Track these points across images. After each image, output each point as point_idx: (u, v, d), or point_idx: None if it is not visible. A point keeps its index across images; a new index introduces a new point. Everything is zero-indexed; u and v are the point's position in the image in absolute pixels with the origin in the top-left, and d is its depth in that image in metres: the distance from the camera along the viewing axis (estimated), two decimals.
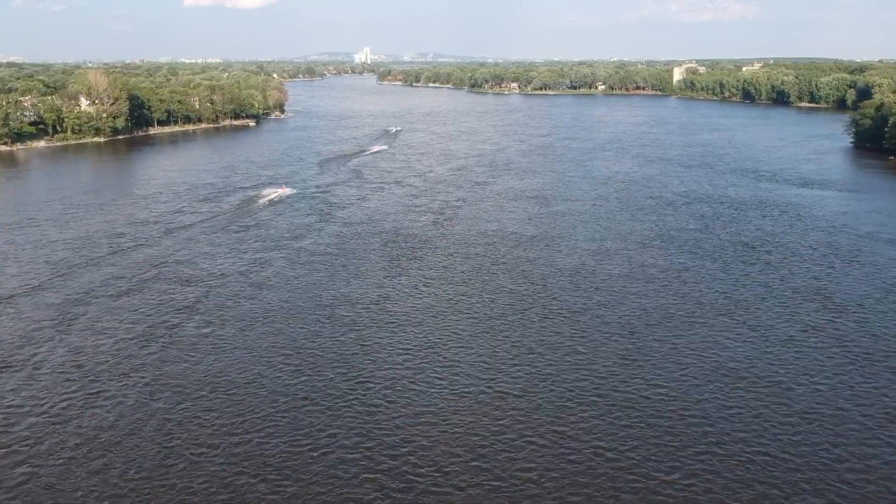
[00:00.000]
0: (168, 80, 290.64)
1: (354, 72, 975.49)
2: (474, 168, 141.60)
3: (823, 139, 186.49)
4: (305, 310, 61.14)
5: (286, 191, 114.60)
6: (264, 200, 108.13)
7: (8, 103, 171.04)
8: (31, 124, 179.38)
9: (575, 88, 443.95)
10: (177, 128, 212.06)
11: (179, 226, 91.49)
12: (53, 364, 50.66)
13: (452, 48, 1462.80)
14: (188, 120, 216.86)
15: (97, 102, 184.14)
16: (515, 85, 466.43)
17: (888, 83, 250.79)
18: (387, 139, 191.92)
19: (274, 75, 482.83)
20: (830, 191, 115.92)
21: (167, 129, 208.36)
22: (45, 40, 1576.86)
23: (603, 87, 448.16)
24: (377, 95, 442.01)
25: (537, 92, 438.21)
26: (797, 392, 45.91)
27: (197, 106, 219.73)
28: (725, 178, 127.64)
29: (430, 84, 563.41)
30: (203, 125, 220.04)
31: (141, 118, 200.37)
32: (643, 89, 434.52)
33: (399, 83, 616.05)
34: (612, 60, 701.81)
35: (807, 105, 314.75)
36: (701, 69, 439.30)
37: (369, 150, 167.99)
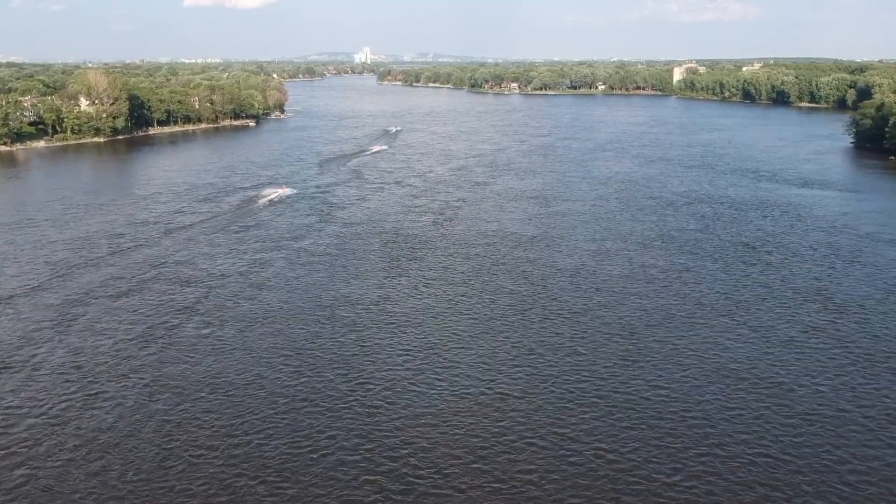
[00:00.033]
0: (168, 80, 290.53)
1: (354, 72, 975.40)
2: (474, 168, 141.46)
3: (824, 139, 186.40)
4: (305, 310, 60.99)
5: (286, 191, 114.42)
6: (264, 200, 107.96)
7: (7, 103, 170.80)
8: (31, 124, 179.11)
9: (575, 88, 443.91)
10: (176, 128, 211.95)
11: (179, 226, 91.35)
12: (52, 365, 50.52)
13: (452, 48, 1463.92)
14: (188, 120, 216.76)
15: (97, 102, 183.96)
16: (515, 85, 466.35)
17: (888, 83, 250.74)
18: (387, 139, 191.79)
19: (274, 75, 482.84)
20: (831, 191, 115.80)
21: (167, 130, 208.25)
22: (45, 40, 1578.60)
23: (603, 87, 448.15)
24: (377, 95, 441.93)
25: (537, 92, 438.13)
26: (799, 393, 45.76)
27: (197, 106, 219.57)
28: (726, 179, 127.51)
29: (430, 84, 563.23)
30: (203, 125, 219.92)
31: (141, 118, 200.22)
32: (643, 89, 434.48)
33: (399, 83, 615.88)
34: (612, 60, 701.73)
35: (807, 105, 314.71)
36: (701, 69, 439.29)
37: (369, 150, 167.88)
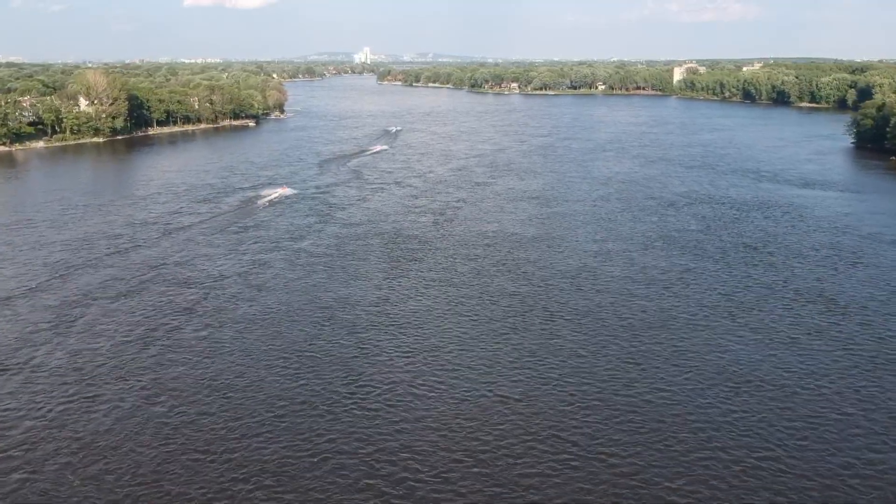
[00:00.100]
0: (167, 81, 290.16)
1: (354, 72, 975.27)
2: (474, 168, 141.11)
3: (824, 139, 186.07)
4: (304, 312, 60.64)
5: (286, 191, 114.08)
6: (264, 201, 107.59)
7: (7, 103, 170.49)
8: (30, 125, 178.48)
9: (575, 88, 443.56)
10: (176, 128, 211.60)
11: (178, 227, 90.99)
12: (50, 367, 50.18)
13: (452, 48, 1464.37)
14: (187, 120, 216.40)
15: (96, 102, 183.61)
16: (515, 85, 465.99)
17: (889, 83, 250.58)
18: (387, 139, 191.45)
19: (274, 75, 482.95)
20: (832, 191, 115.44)
21: (166, 130, 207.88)
22: (45, 40, 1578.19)
23: (603, 87, 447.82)
24: (377, 95, 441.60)
25: (537, 92, 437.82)
26: (802, 396, 45.40)
27: (196, 106, 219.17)
28: (726, 179, 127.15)
29: (430, 84, 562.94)
30: (202, 125, 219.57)
31: (140, 118, 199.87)
32: (643, 89, 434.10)
33: (399, 83, 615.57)
34: (612, 60, 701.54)
35: (807, 105, 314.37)
36: (701, 69, 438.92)
37: (369, 151, 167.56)
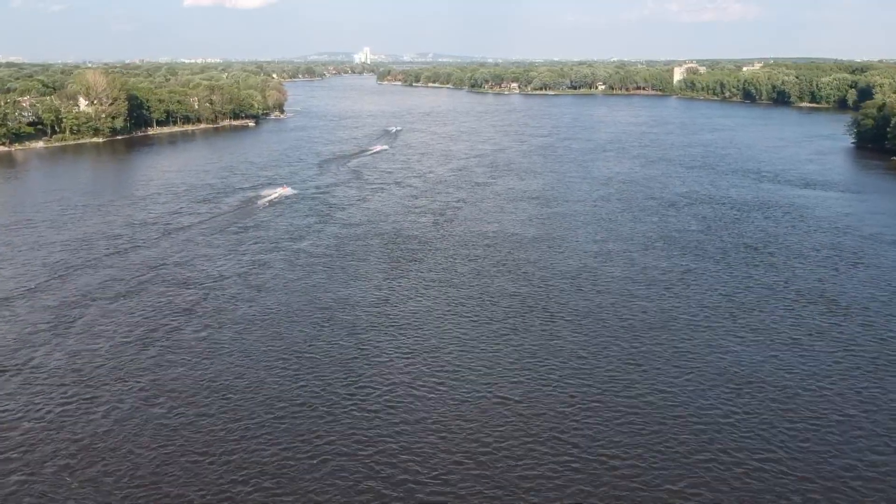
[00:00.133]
0: (167, 81, 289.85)
1: (354, 72, 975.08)
2: (475, 168, 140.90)
3: (825, 139, 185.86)
4: (304, 313, 60.43)
5: (287, 190, 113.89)
6: (264, 201, 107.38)
7: (6, 103, 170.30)
8: (30, 125, 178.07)
9: (575, 88, 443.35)
10: (176, 128, 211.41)
11: (178, 227, 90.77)
12: (49, 368, 49.98)
13: (452, 48, 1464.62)
14: (187, 120, 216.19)
15: (96, 102, 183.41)
16: (515, 85, 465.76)
17: (889, 83, 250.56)
18: (387, 139, 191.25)
19: (273, 75, 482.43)
20: (833, 192, 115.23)
21: (166, 130, 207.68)
22: (45, 40, 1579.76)
23: (603, 87, 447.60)
24: (377, 95, 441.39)
25: (537, 92, 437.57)
26: (804, 397, 45.19)
27: (196, 106, 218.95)
28: (727, 179, 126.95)
29: (430, 84, 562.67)
30: (202, 125, 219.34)
31: (140, 118, 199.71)
32: (643, 89, 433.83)
33: (399, 83, 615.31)
34: (612, 60, 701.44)
35: (807, 105, 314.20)
36: (701, 69, 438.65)
37: (369, 151, 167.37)
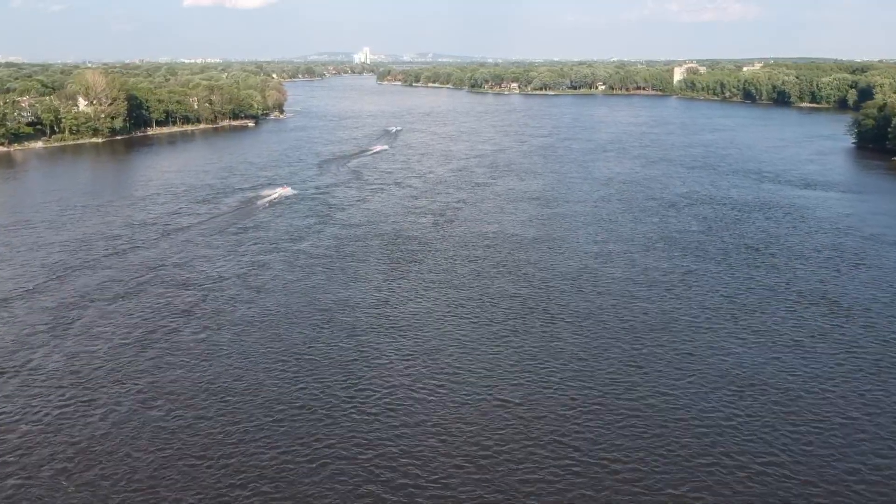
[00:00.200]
0: (167, 81, 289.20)
1: (354, 72, 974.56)
2: (475, 169, 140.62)
3: (825, 139, 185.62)
4: (303, 314, 60.14)
5: (287, 190, 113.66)
6: (264, 201, 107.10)
7: (5, 104, 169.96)
8: (29, 125, 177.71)
9: (575, 88, 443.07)
10: (175, 128, 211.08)
11: (177, 228, 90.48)
12: (47, 370, 49.70)
13: (452, 48, 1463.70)
14: (187, 120, 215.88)
15: (95, 103, 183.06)
16: (515, 85, 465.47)
17: (889, 83, 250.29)
18: (387, 139, 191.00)
19: (273, 75, 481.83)
20: (834, 192, 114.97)
21: (165, 130, 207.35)
22: (45, 40, 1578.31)
23: (603, 88, 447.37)
24: (377, 95, 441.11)
25: (537, 92, 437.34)
26: (806, 400, 44.90)
27: (195, 106, 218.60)
28: (728, 179, 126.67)
29: (430, 84, 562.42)
30: (202, 126, 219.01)
31: (139, 119, 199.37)
32: (643, 89, 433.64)
33: (399, 83, 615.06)
34: (612, 60, 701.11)
35: (808, 105, 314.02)
36: (701, 69, 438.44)
37: (369, 151, 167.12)
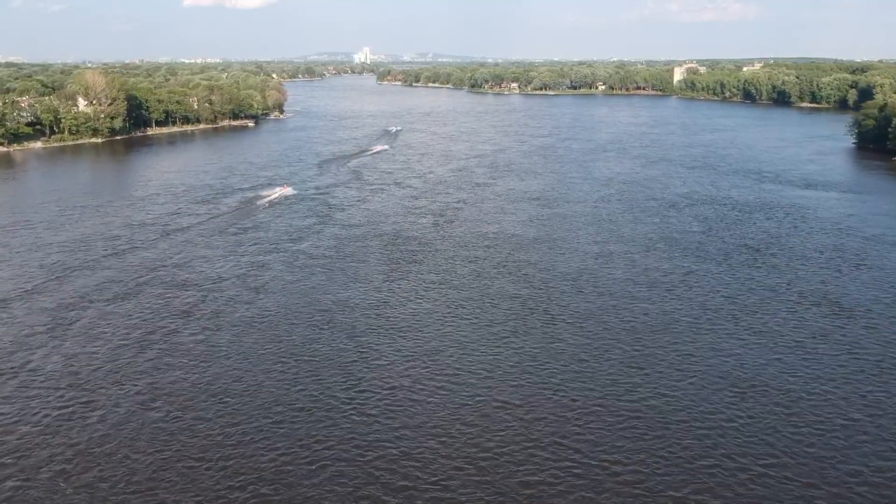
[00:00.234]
0: (167, 81, 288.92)
1: (354, 72, 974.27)
2: (475, 169, 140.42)
3: (826, 140, 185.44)
4: (303, 315, 59.94)
5: (288, 190, 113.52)
6: (264, 202, 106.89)
7: (5, 104, 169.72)
8: (28, 125, 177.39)
9: (575, 88, 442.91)
10: (175, 128, 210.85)
11: (177, 228, 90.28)
12: (46, 371, 49.50)
13: (452, 48, 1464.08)
14: (186, 120, 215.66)
15: (94, 103, 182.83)
16: (515, 85, 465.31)
17: (890, 83, 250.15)
18: (387, 139, 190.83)
19: (273, 75, 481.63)
20: (835, 192, 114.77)
21: (165, 130, 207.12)
22: (45, 40, 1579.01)
23: (603, 88, 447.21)
24: (377, 95, 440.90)
25: (537, 92, 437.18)
26: (808, 401, 44.69)
27: (195, 106, 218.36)
28: (728, 180, 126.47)
29: (430, 84, 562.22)
30: (201, 126, 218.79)
31: (139, 119, 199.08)
32: (643, 89, 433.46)
33: (399, 83, 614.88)
34: (612, 60, 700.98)
35: (808, 105, 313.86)
36: (701, 69, 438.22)
37: (369, 151, 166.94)
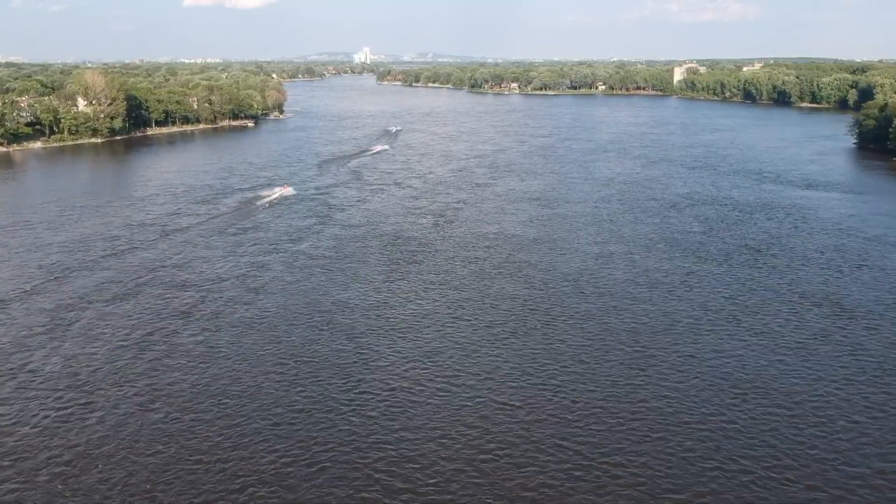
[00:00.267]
0: (166, 81, 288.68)
1: (354, 72, 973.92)
2: (475, 169, 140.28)
3: (826, 140, 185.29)
4: (303, 316, 59.79)
5: (288, 190, 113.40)
6: (264, 202, 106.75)
7: (4, 104, 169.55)
8: (28, 125, 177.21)
9: (575, 88, 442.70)
10: (175, 128, 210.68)
11: (176, 228, 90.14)
12: (45, 372, 49.34)
13: (452, 48, 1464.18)
14: (186, 120, 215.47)
15: (94, 103, 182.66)
16: (515, 85, 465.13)
17: (890, 83, 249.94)
18: (387, 139, 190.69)
19: (273, 75, 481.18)
20: (835, 192, 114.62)
21: (165, 130, 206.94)
22: (45, 40, 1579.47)
23: (603, 88, 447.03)
24: (377, 96, 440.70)
25: (537, 92, 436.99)
26: (810, 403, 44.52)
27: (195, 106, 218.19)
28: (728, 180, 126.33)
29: (430, 84, 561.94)
30: (201, 126, 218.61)
31: (139, 119, 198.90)
32: (643, 89, 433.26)
33: (399, 83, 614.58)
34: (612, 60, 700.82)
35: (808, 105, 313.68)
36: (701, 69, 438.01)
37: (369, 151, 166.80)
